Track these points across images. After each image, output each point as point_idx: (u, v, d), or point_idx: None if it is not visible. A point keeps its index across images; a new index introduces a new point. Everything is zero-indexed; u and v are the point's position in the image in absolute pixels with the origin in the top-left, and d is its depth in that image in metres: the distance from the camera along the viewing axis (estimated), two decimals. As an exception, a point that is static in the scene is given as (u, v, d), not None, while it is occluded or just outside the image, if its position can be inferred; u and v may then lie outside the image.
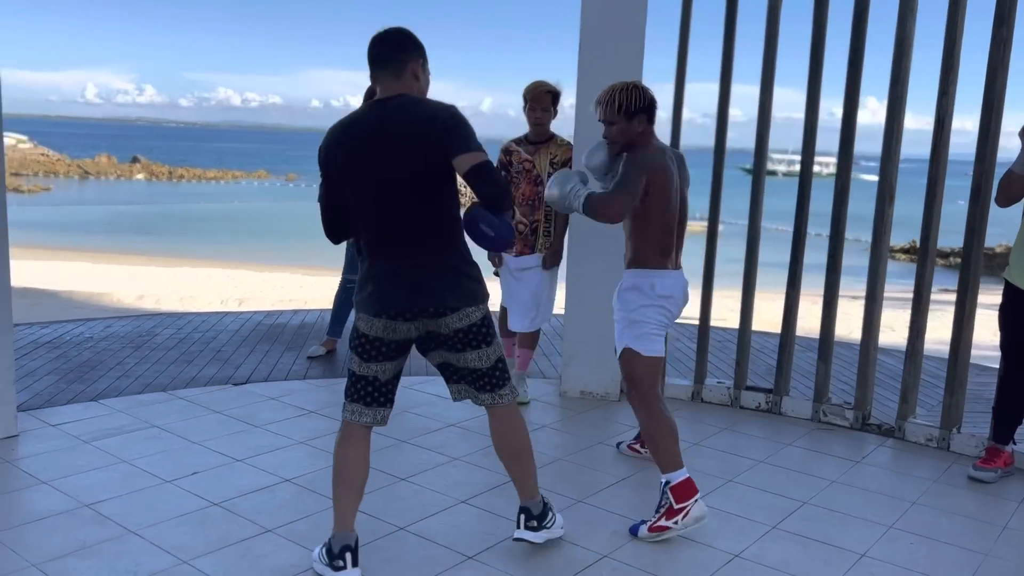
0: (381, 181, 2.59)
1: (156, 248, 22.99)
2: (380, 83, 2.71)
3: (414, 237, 2.63)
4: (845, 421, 4.44)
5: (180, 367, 5.04)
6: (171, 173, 55.49)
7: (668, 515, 3.04)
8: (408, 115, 2.60)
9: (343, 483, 2.73)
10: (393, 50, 2.67)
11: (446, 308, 2.65)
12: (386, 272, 2.64)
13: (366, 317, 2.66)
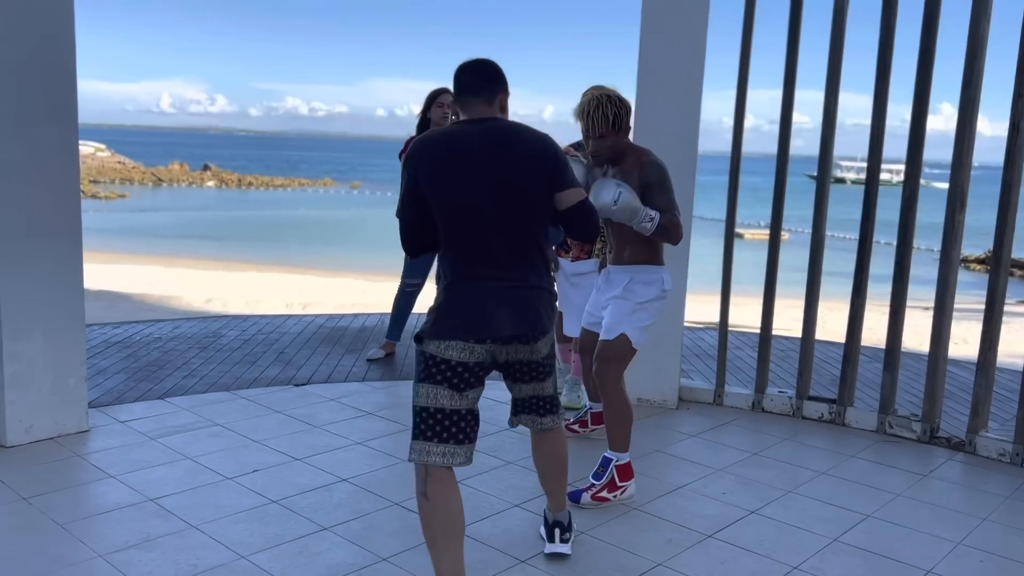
0: (488, 198, 2.46)
1: (224, 253, 23.59)
2: (468, 109, 2.57)
3: (516, 258, 2.51)
4: (912, 434, 4.30)
5: (244, 368, 5.15)
6: (240, 180, 56.90)
7: (609, 488, 3.32)
8: (517, 136, 2.52)
9: (449, 534, 2.47)
10: (486, 80, 2.58)
11: (541, 331, 2.57)
12: (486, 293, 2.48)
13: (459, 344, 2.44)
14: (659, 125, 4.39)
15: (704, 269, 7.24)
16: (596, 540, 3.05)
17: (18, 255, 3.67)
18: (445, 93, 5.25)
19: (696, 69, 4.38)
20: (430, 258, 5.39)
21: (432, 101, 5.27)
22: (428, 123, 5.27)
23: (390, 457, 3.76)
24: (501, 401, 4.60)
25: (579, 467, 3.53)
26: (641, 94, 4.43)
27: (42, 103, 3.66)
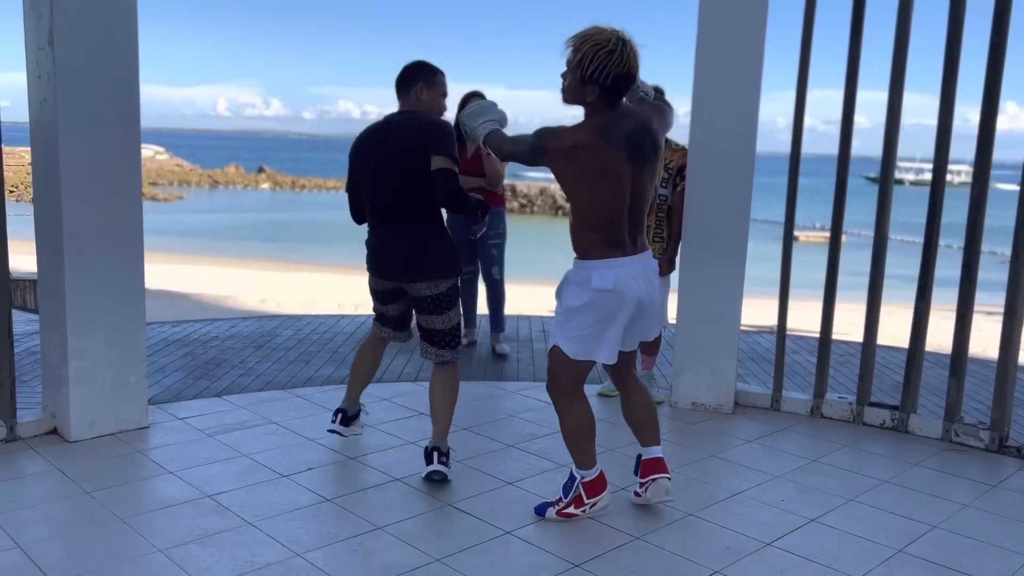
0: (382, 167, 3.46)
1: (278, 254, 23.99)
2: (400, 103, 3.56)
3: (404, 215, 3.47)
4: (979, 442, 4.16)
5: (298, 366, 5.20)
6: (294, 183, 57.82)
7: (576, 504, 3.18)
8: (412, 120, 3.48)
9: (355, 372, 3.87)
10: (402, 82, 3.52)
11: (417, 277, 3.48)
12: (380, 242, 3.55)
13: (373, 278, 3.64)
14: (716, 125, 4.32)
15: (757, 273, 7.11)
16: (651, 545, 3.01)
17: (83, 255, 3.75)
18: (475, 97, 5.40)
19: (755, 68, 4.29)
20: (474, 245, 5.70)
21: (463, 106, 5.40)
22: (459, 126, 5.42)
23: (443, 458, 3.76)
24: (550, 402, 4.58)
25: (766, 512, 3.43)
26: (697, 93, 4.36)
27: (108, 107, 3.74)
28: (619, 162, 2.86)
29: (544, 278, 15.87)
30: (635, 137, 2.91)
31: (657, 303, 3.12)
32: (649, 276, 3.01)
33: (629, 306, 2.94)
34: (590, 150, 2.84)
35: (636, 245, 2.99)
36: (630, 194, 2.92)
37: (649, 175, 2.98)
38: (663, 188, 4.46)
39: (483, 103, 3.29)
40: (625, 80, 2.85)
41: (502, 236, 5.72)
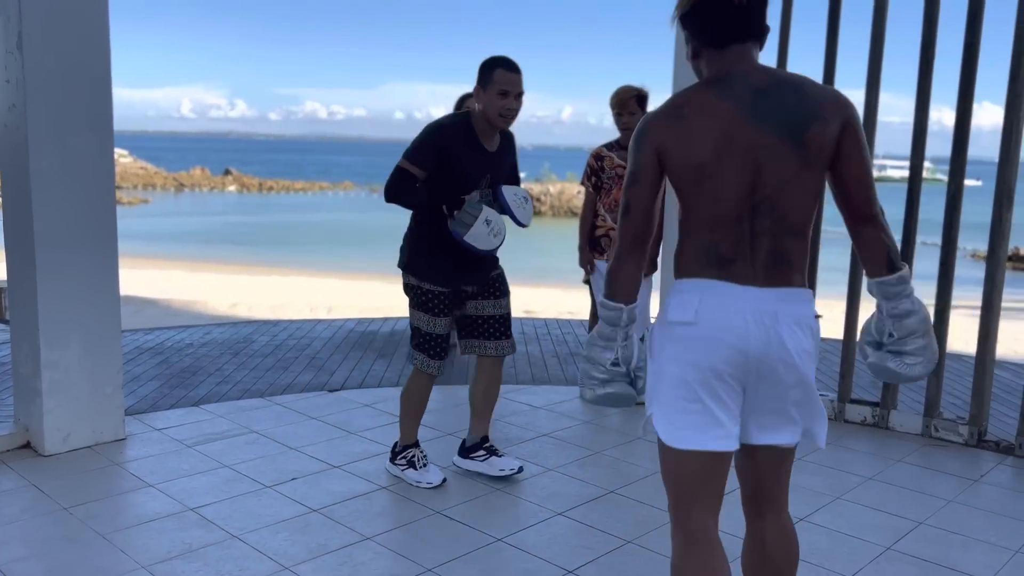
0: None
1: (248, 257, 23.72)
2: None
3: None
4: (959, 437, 4.21)
5: (276, 373, 5.13)
6: (261, 185, 57.24)
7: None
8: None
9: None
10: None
11: (401, 266, 3.48)
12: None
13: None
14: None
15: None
16: (644, 549, 2.99)
17: (56, 263, 3.66)
18: (471, 99, 5.32)
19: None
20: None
21: (460, 106, 5.34)
22: None
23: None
24: (535, 405, 4.56)
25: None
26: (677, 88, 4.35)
27: (80, 111, 3.65)
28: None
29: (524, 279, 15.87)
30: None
31: (802, 373, 1.86)
32: (780, 324, 1.82)
33: (730, 359, 1.82)
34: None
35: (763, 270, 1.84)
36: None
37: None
38: None
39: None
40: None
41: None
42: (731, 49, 1.84)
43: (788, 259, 1.85)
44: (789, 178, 1.81)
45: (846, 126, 1.82)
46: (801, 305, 1.87)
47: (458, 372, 5.24)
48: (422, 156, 3.24)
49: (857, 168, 1.85)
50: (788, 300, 1.85)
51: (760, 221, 1.83)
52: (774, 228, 1.83)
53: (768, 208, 1.82)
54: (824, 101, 1.82)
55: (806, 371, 1.87)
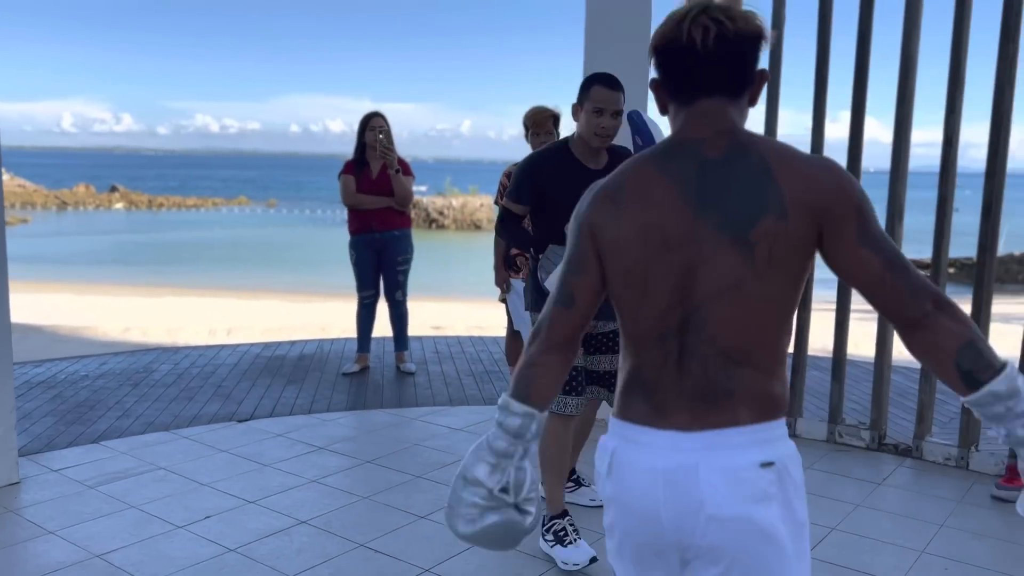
0: None
1: (139, 278, 22.77)
2: None
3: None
4: (861, 442, 4.39)
5: (181, 404, 4.92)
6: (151, 202, 55.16)
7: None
8: None
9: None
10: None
11: None
12: None
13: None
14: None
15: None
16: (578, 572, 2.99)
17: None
18: (377, 117, 5.51)
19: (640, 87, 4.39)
20: (378, 268, 5.61)
21: (365, 125, 5.53)
22: (364, 147, 5.49)
23: (349, 495, 3.63)
24: (452, 427, 4.53)
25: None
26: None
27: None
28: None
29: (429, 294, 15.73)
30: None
31: (737, 551, 1.42)
32: (700, 481, 1.40)
33: (646, 532, 1.46)
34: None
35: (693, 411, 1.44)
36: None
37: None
38: None
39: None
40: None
41: (409, 261, 5.67)
42: (697, 106, 1.45)
43: (728, 391, 1.40)
44: (726, 287, 1.38)
45: (829, 215, 1.36)
46: (736, 452, 1.39)
47: (371, 396, 5.16)
48: (518, 192, 3.11)
49: (866, 267, 1.37)
50: (717, 446, 1.39)
51: (689, 340, 1.42)
52: (705, 351, 1.41)
53: (698, 325, 1.41)
54: (795, 185, 1.36)
55: (747, 549, 1.38)
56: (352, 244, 5.59)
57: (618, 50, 4.37)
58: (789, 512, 1.40)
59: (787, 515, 1.40)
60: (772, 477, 1.38)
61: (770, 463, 1.38)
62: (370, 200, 5.45)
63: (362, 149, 5.49)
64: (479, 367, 5.92)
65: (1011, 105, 3.91)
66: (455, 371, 5.79)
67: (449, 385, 5.43)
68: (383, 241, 5.51)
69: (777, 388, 1.43)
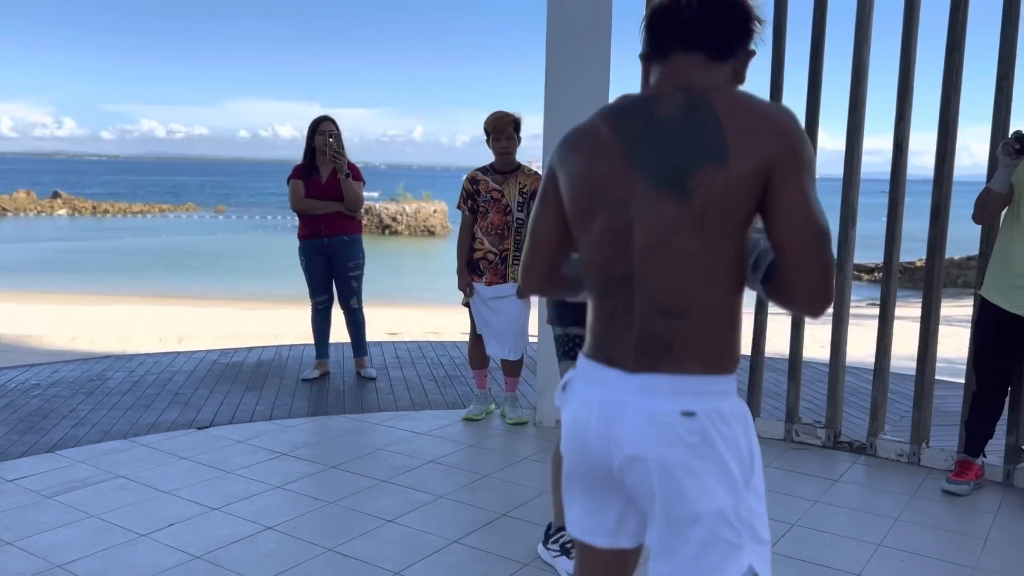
0: None
1: (84, 286, 22.24)
2: None
3: None
4: (817, 440, 4.50)
5: (138, 412, 4.83)
6: (95, 208, 53.92)
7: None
8: None
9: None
10: None
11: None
12: None
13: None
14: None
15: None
16: (544, 572, 3.02)
17: None
18: (326, 121, 5.43)
19: (602, 100, 4.46)
20: (330, 273, 5.52)
21: (315, 130, 5.44)
22: (314, 152, 5.41)
23: (314, 500, 3.61)
24: (416, 431, 4.53)
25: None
26: (548, 122, 4.47)
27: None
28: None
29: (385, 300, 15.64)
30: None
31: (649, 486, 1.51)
32: (623, 419, 1.49)
33: (582, 458, 1.58)
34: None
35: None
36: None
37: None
38: (519, 212, 4.53)
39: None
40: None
41: (361, 266, 5.57)
42: (671, 59, 1.50)
43: (667, 344, 1.45)
44: (661, 241, 1.42)
45: (774, 164, 1.37)
46: (661, 398, 1.45)
47: (333, 402, 5.13)
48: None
49: (785, 225, 1.38)
50: (647, 390, 1.46)
51: (631, 294, 1.48)
52: (643, 304, 1.46)
53: (639, 280, 1.46)
54: (741, 132, 1.38)
55: (650, 486, 1.46)
56: (301, 249, 5.52)
57: (578, 53, 4.43)
58: (713, 459, 1.43)
59: (709, 464, 1.43)
60: (693, 427, 1.43)
61: (691, 413, 1.43)
62: (319, 205, 5.37)
63: (311, 154, 5.41)
64: (440, 372, 5.92)
65: (957, 112, 4.05)
66: (416, 376, 5.78)
67: (411, 390, 5.42)
68: (332, 246, 5.44)
69: (720, 346, 1.47)
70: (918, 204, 4.18)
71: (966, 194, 4.21)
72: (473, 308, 4.64)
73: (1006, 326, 3.69)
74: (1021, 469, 3.93)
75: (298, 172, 5.44)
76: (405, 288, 20.73)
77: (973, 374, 3.91)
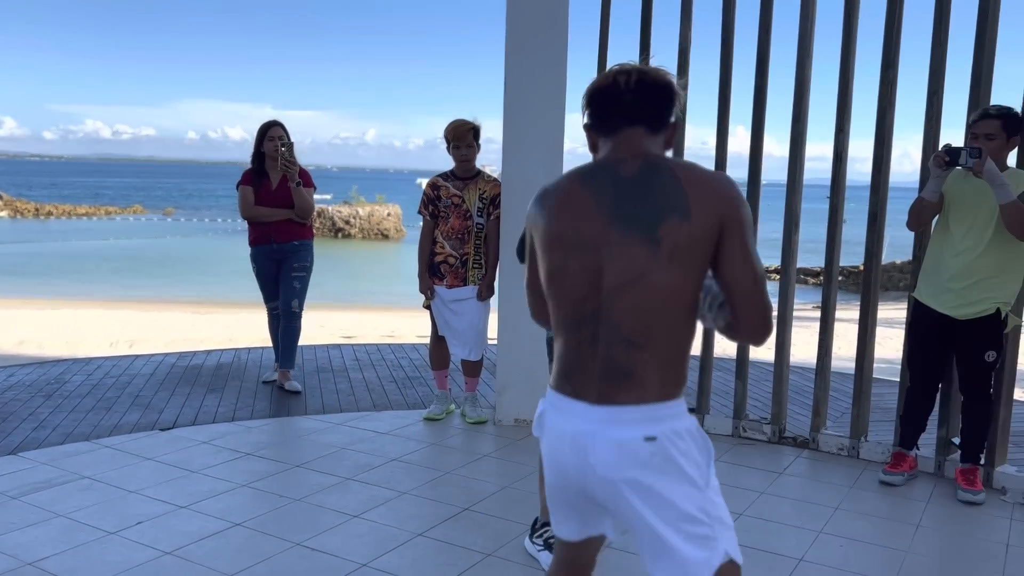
0: None
1: (30, 290, 21.77)
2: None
3: None
4: (763, 435, 4.72)
5: (99, 414, 4.86)
6: (38, 210, 52.61)
7: None
8: None
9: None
10: None
11: None
12: None
13: None
14: (527, 158, 4.61)
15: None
16: (508, 561, 3.16)
17: None
18: (276, 126, 5.34)
19: (559, 106, 4.63)
20: (277, 278, 5.43)
21: (264, 135, 5.34)
22: (263, 156, 5.32)
23: (280, 497, 3.70)
24: (378, 431, 4.64)
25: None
26: (508, 130, 4.62)
27: None
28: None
29: (339, 304, 15.60)
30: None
31: (624, 506, 1.75)
32: (595, 448, 1.73)
33: (562, 483, 1.84)
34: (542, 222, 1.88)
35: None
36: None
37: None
38: (479, 217, 4.67)
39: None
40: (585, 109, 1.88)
41: (308, 269, 5.48)
42: (620, 134, 1.79)
43: (628, 372, 1.70)
44: (629, 280, 1.68)
45: (724, 223, 1.66)
46: (625, 427, 1.70)
47: (294, 403, 5.21)
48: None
49: (731, 272, 1.67)
50: (612, 420, 1.71)
51: (599, 328, 1.72)
52: (609, 337, 1.71)
53: (606, 314, 1.71)
54: (698, 195, 1.66)
55: (629, 504, 1.71)
56: (252, 256, 5.44)
57: (534, 51, 4.59)
58: (674, 473, 1.70)
59: (670, 478, 1.70)
60: (654, 449, 1.69)
61: (653, 437, 1.69)
62: (269, 213, 5.29)
63: (260, 159, 5.32)
64: (400, 373, 6.03)
65: (892, 124, 4.30)
66: (376, 377, 5.88)
67: (372, 391, 5.52)
68: (283, 252, 5.35)
69: (672, 374, 1.73)
70: (862, 210, 4.42)
71: (908, 199, 4.43)
72: (435, 310, 4.76)
73: (937, 326, 3.93)
74: (951, 460, 4.19)
75: (247, 178, 5.35)
76: (360, 291, 20.69)
77: (908, 372, 4.16)
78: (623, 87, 1.76)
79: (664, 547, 1.71)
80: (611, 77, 1.79)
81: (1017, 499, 3.89)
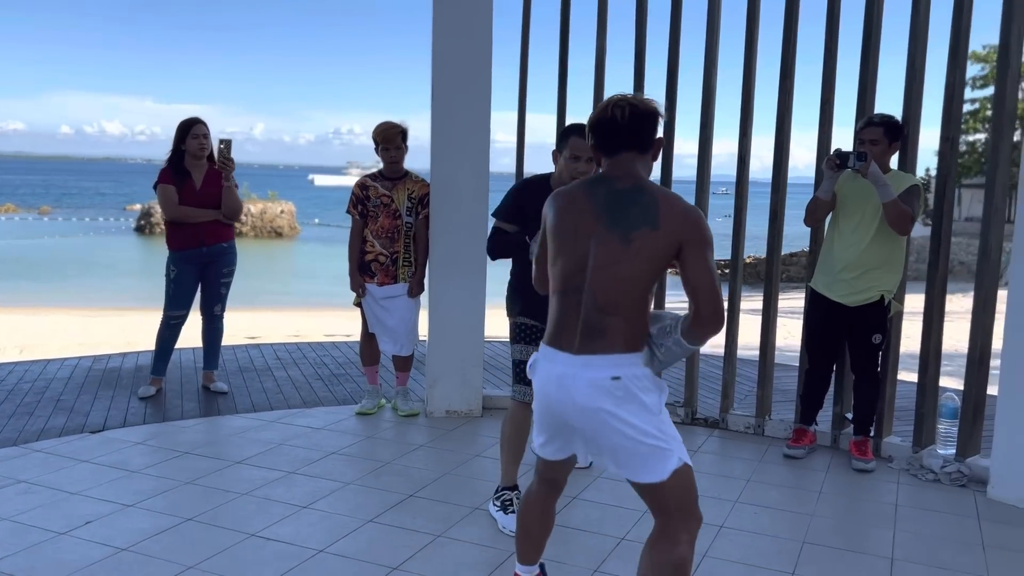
0: None
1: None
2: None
3: None
4: (677, 418, 5.07)
5: (21, 419, 4.78)
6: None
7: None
8: None
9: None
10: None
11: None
12: None
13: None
14: (454, 160, 4.81)
15: (498, 287, 7.71)
16: (456, 541, 3.36)
17: None
18: (199, 124, 5.21)
19: (484, 110, 4.85)
20: (195, 289, 5.32)
21: (186, 132, 5.18)
22: (183, 155, 5.19)
23: (227, 492, 3.79)
24: (313, 427, 4.75)
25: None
26: (436, 132, 4.81)
27: None
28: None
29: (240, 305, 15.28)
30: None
31: (598, 426, 2.31)
32: (575, 385, 2.31)
33: (547, 411, 2.43)
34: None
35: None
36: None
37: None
38: (408, 216, 4.84)
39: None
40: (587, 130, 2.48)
41: (234, 272, 5.43)
42: (617, 156, 2.36)
43: (600, 331, 2.28)
44: (606, 264, 2.27)
45: (684, 244, 2.20)
46: (599, 370, 2.26)
47: (224, 402, 5.24)
48: (507, 213, 3.53)
49: (693, 275, 2.21)
50: (588, 365, 2.28)
51: (582, 297, 2.31)
52: (588, 304, 2.30)
53: (587, 288, 2.30)
54: (668, 215, 2.22)
55: (603, 425, 2.27)
56: (174, 260, 5.22)
57: (460, 56, 4.79)
58: (635, 403, 2.26)
59: (633, 405, 2.26)
60: (619, 385, 2.26)
61: (618, 377, 2.27)
62: (198, 213, 5.14)
63: (180, 157, 5.15)
64: (325, 371, 6.12)
65: (789, 129, 4.71)
66: (302, 375, 5.96)
67: (299, 388, 5.61)
68: (211, 255, 5.22)
69: (632, 334, 2.29)
70: (764, 205, 4.80)
71: (808, 195, 4.77)
72: (366, 308, 4.90)
73: (832, 313, 4.36)
74: (845, 434, 4.64)
75: (167, 177, 5.14)
76: (257, 292, 20.28)
77: (806, 355, 4.58)
78: (620, 120, 2.31)
79: (630, 455, 2.29)
80: (609, 110, 2.33)
81: (902, 465, 4.36)
